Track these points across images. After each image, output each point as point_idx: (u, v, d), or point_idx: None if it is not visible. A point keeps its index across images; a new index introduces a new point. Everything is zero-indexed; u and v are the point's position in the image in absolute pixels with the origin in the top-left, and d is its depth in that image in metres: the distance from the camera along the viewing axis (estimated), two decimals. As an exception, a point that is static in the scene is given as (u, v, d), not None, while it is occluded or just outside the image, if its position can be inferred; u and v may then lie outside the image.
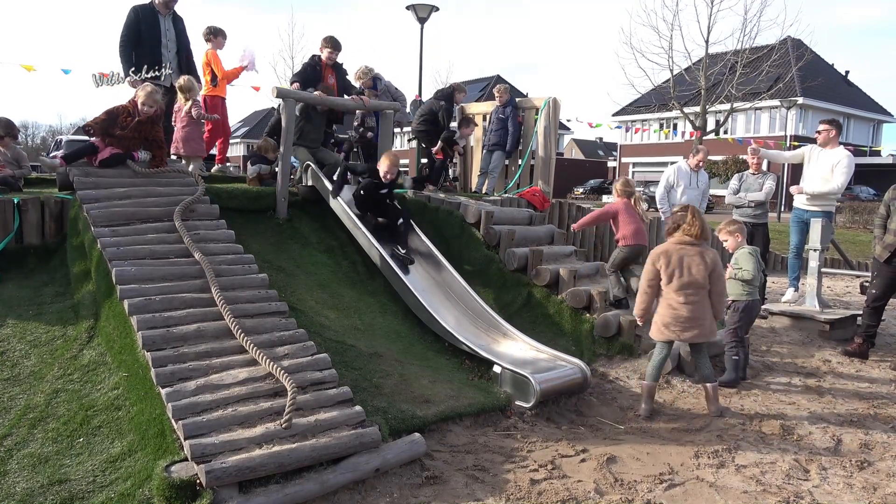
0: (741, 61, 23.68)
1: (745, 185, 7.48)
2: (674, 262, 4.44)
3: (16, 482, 3.07)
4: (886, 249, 5.76)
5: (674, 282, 4.43)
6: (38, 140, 71.85)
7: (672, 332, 4.46)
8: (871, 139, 40.68)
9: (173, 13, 6.94)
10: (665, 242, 4.59)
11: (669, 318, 4.45)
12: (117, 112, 5.51)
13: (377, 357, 4.55)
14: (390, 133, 7.49)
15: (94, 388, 3.77)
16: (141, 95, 5.51)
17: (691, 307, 4.42)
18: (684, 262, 4.42)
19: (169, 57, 6.79)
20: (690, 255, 4.44)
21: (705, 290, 4.45)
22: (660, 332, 4.51)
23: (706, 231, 4.50)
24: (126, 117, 5.48)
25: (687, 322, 4.42)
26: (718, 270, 4.47)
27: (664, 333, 4.49)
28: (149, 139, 5.63)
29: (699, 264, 4.41)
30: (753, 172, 7.54)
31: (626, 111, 39.34)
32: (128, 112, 5.50)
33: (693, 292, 4.41)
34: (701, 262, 4.41)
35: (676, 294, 4.43)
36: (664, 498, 3.30)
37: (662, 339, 4.55)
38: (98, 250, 4.53)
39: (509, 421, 4.16)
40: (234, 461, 2.97)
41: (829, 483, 3.52)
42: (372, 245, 5.94)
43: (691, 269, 4.41)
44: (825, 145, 6.99)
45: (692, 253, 4.44)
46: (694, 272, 4.40)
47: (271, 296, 4.44)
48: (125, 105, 5.55)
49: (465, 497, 3.21)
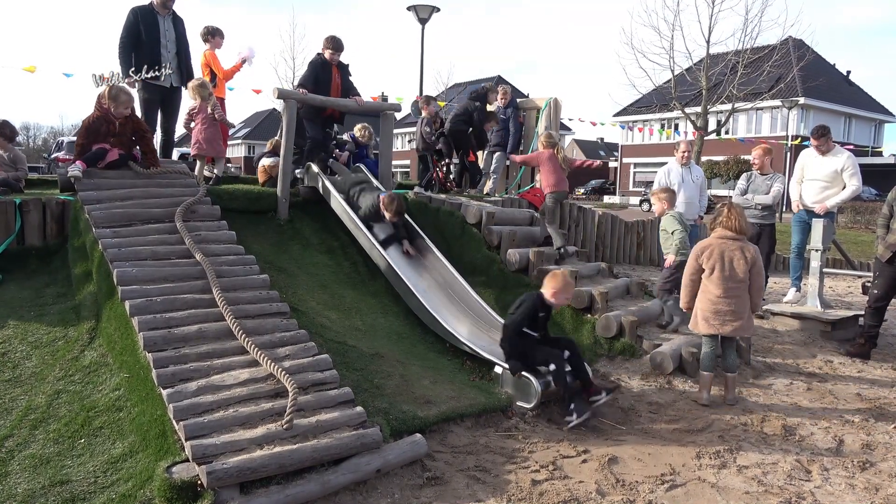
0: (742, 61, 23.65)
1: (753, 187, 7.26)
2: (715, 255, 4.55)
3: (17, 483, 3.07)
4: (889, 249, 5.74)
5: (714, 275, 4.53)
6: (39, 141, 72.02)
7: (712, 325, 4.58)
8: (872, 139, 40.64)
9: (173, 14, 6.95)
10: (708, 237, 4.73)
11: (710, 311, 4.58)
12: (96, 123, 5.42)
13: (378, 358, 4.55)
14: (390, 135, 7.49)
15: (96, 389, 3.77)
16: (110, 102, 5.38)
17: (731, 301, 4.51)
18: (725, 257, 4.54)
19: (168, 57, 6.80)
20: (731, 249, 4.54)
21: (745, 285, 4.54)
22: (702, 326, 4.67)
23: (745, 226, 4.62)
24: (107, 125, 5.44)
25: (727, 315, 4.54)
26: (759, 266, 4.57)
27: (706, 327, 4.64)
28: (138, 133, 5.63)
29: (740, 259, 4.52)
30: (762, 173, 7.29)
31: (628, 111, 39.33)
32: (105, 119, 5.43)
33: (735, 286, 4.52)
34: (741, 258, 4.52)
35: (716, 288, 4.52)
36: (666, 498, 3.29)
37: (706, 333, 4.67)
38: (99, 251, 4.54)
39: (510, 422, 4.16)
40: (235, 462, 2.97)
41: (831, 484, 3.51)
42: (373, 246, 5.94)
43: (732, 263, 4.51)
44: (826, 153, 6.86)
45: (733, 248, 4.54)
46: (735, 266, 4.50)
47: (272, 297, 4.44)
48: (96, 114, 5.43)
49: (466, 498, 3.21)
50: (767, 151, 7.36)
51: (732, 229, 4.57)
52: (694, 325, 4.75)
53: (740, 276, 4.50)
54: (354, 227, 6.23)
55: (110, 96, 5.38)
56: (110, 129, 5.44)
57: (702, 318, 4.63)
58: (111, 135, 5.45)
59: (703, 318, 4.62)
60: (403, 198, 6.35)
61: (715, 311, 4.55)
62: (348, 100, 7.20)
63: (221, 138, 7.03)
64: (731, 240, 4.57)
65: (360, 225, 6.13)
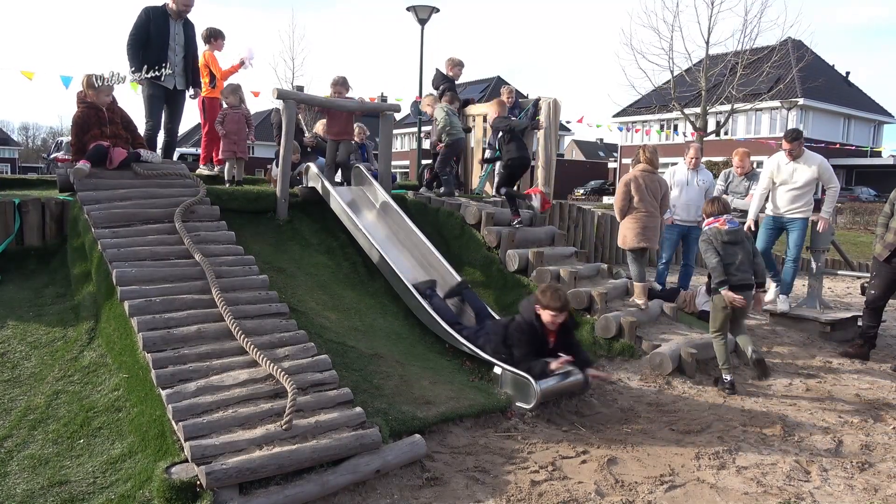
0: (742, 62, 23.64)
1: (731, 188, 7.22)
2: (642, 185, 5.93)
3: (16, 483, 3.07)
4: (886, 248, 5.73)
5: (641, 200, 5.93)
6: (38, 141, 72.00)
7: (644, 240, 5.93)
8: (871, 140, 40.64)
9: (185, 18, 6.96)
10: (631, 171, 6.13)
11: (639, 229, 5.95)
12: (84, 116, 5.42)
13: (378, 358, 4.55)
14: (390, 135, 7.49)
15: (95, 389, 3.77)
16: (91, 92, 5.39)
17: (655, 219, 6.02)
18: (647, 186, 5.93)
19: (175, 60, 6.82)
20: (651, 180, 5.99)
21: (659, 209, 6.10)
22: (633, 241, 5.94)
23: (657, 161, 6.08)
24: (96, 115, 5.42)
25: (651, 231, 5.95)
26: (667, 192, 6.24)
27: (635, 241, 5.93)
28: (124, 123, 5.64)
29: (657, 187, 6.02)
30: (739, 174, 7.22)
31: (627, 112, 39.30)
32: (92, 110, 5.42)
33: (655, 210, 5.99)
34: (658, 186, 6.04)
35: (644, 210, 5.93)
36: (665, 499, 3.29)
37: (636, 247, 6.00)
38: (98, 251, 4.54)
39: (510, 422, 4.16)
40: (234, 462, 2.97)
41: (830, 484, 3.52)
42: (372, 246, 5.94)
43: (652, 190, 5.97)
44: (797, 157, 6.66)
45: (652, 179, 6.01)
46: (654, 193, 5.98)
47: (272, 297, 4.44)
48: (82, 108, 5.43)
49: (465, 498, 3.21)
50: (747, 154, 7.34)
51: (650, 164, 5.97)
52: (623, 242, 5.94)
53: (658, 200, 5.93)
54: (353, 228, 6.22)
55: (90, 85, 5.38)
56: (100, 118, 5.44)
57: (633, 234, 5.84)
58: (102, 124, 5.45)
59: (634, 235, 5.84)
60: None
61: (644, 228, 5.80)
62: (348, 100, 7.20)
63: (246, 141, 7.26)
64: (649, 173, 5.94)
65: (358, 225, 6.13)
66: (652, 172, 6.06)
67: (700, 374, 5.19)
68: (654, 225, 6.06)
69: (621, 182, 6.08)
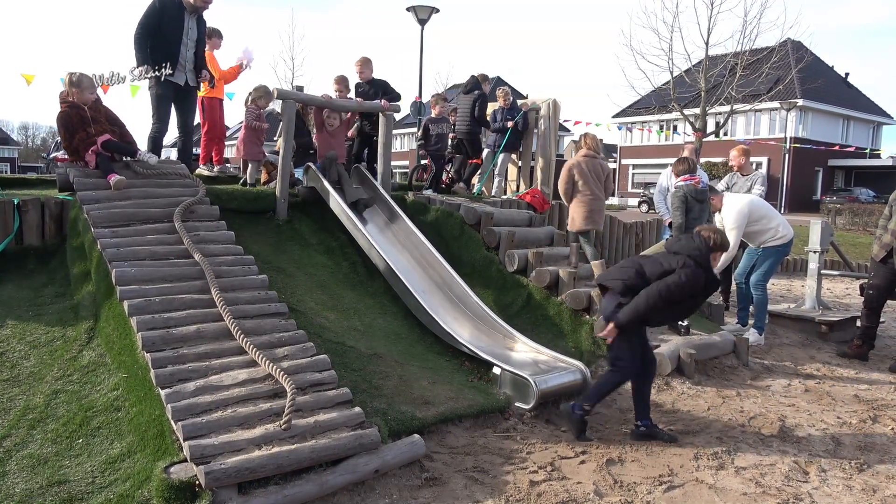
0: (741, 63, 23.66)
1: (735, 188, 7.16)
2: (585, 170, 6.59)
3: (15, 483, 3.07)
4: (883, 249, 5.75)
5: (586, 184, 6.65)
6: (38, 141, 71.93)
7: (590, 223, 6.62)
8: (870, 141, 40.68)
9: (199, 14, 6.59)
10: (575, 157, 6.71)
11: (586, 212, 6.63)
12: (68, 115, 5.37)
13: (377, 358, 4.55)
14: (389, 135, 7.49)
15: (94, 388, 3.77)
16: (74, 90, 5.34)
17: (600, 202, 6.70)
18: (591, 171, 6.55)
19: (188, 56, 6.45)
20: (594, 164, 6.64)
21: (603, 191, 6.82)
22: (581, 224, 6.60)
23: (600, 147, 6.74)
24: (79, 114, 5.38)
25: (598, 214, 6.64)
26: (609, 175, 6.86)
27: (583, 224, 6.58)
28: (109, 119, 5.60)
29: (600, 171, 6.74)
30: (743, 174, 7.14)
31: (626, 113, 39.31)
32: (74, 108, 5.37)
33: (600, 193, 6.67)
34: (601, 171, 6.70)
35: (589, 193, 6.62)
36: (663, 500, 3.30)
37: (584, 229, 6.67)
38: (98, 251, 4.53)
39: (509, 422, 4.16)
40: (233, 462, 2.97)
41: (829, 485, 3.52)
42: (372, 246, 5.94)
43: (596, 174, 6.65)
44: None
45: (595, 163, 6.65)
46: (598, 177, 6.65)
47: (271, 297, 4.44)
48: (65, 108, 5.37)
49: (464, 498, 3.21)
50: (745, 152, 7.23)
51: (592, 149, 6.52)
52: (573, 225, 6.53)
53: (602, 183, 6.52)
54: (353, 228, 6.22)
55: (73, 83, 5.33)
56: (83, 118, 5.38)
57: (580, 218, 6.42)
58: (86, 125, 5.39)
59: (581, 218, 6.41)
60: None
61: (590, 211, 6.36)
62: (348, 100, 7.20)
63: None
64: (591, 158, 6.48)
65: (358, 225, 6.13)
66: (594, 157, 6.54)
67: (699, 375, 5.19)
68: (600, 208, 6.75)
69: (564, 168, 6.61)
